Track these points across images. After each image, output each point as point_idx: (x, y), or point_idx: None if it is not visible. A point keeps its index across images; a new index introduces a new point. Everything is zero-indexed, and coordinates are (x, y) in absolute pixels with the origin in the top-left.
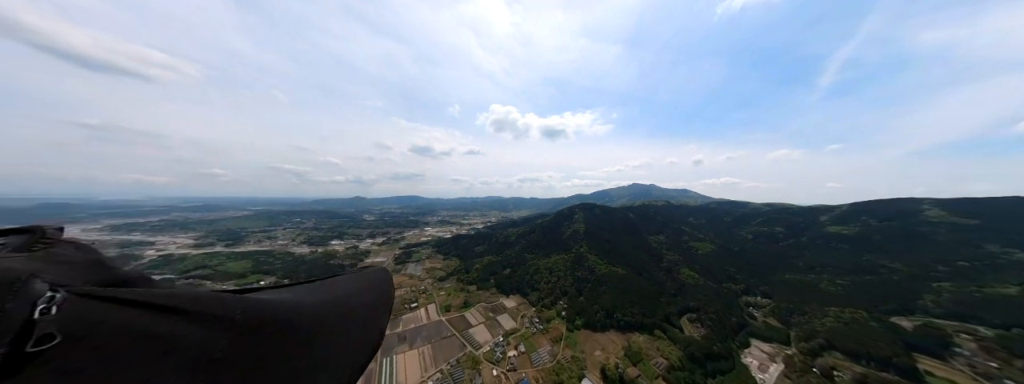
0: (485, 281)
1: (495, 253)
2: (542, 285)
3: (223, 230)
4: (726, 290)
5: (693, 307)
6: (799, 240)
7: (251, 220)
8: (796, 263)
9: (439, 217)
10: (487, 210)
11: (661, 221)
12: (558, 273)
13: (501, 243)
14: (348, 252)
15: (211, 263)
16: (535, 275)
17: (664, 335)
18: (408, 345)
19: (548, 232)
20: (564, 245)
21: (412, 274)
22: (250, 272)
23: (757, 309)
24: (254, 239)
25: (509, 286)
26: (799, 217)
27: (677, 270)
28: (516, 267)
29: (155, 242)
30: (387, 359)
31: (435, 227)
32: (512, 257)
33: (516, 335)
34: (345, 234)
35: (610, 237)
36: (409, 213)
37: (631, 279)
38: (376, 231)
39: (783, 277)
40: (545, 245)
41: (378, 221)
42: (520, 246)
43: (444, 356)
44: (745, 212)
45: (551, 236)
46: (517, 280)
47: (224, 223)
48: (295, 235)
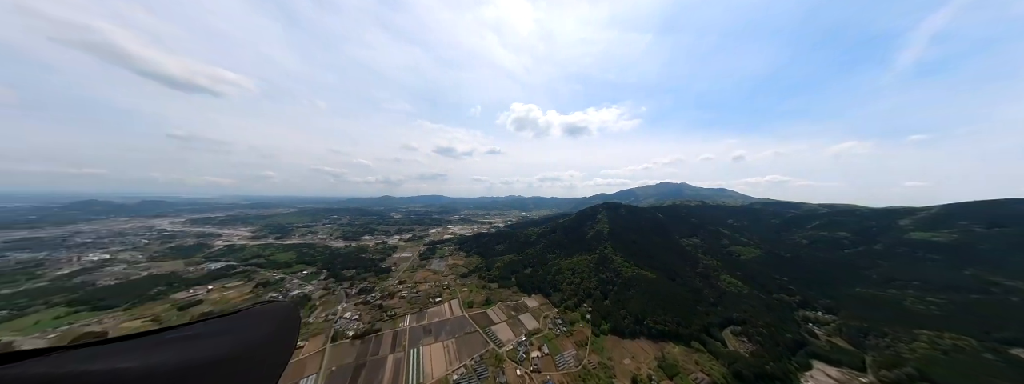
0: (506, 279)
1: (516, 252)
2: (565, 286)
3: (274, 225)
4: (777, 302)
5: (738, 319)
6: (871, 247)
7: (296, 216)
8: (868, 275)
9: (461, 215)
10: (507, 209)
11: (695, 222)
12: (581, 274)
13: (522, 242)
14: (378, 247)
15: (264, 253)
16: (557, 275)
17: (703, 348)
18: (433, 338)
19: (570, 232)
20: (587, 245)
21: (435, 270)
22: (295, 262)
23: (818, 326)
24: (298, 233)
25: (531, 285)
26: (870, 220)
27: (716, 276)
28: (537, 266)
29: (222, 234)
30: (414, 350)
31: (457, 225)
32: (533, 256)
33: (539, 336)
34: (375, 230)
35: (637, 238)
36: (433, 211)
37: (662, 284)
38: (403, 228)
39: (852, 291)
40: (567, 245)
41: (404, 219)
42: (541, 245)
43: (468, 351)
44: (797, 214)
45: (573, 236)
46: (539, 280)
47: (275, 219)
48: (332, 230)
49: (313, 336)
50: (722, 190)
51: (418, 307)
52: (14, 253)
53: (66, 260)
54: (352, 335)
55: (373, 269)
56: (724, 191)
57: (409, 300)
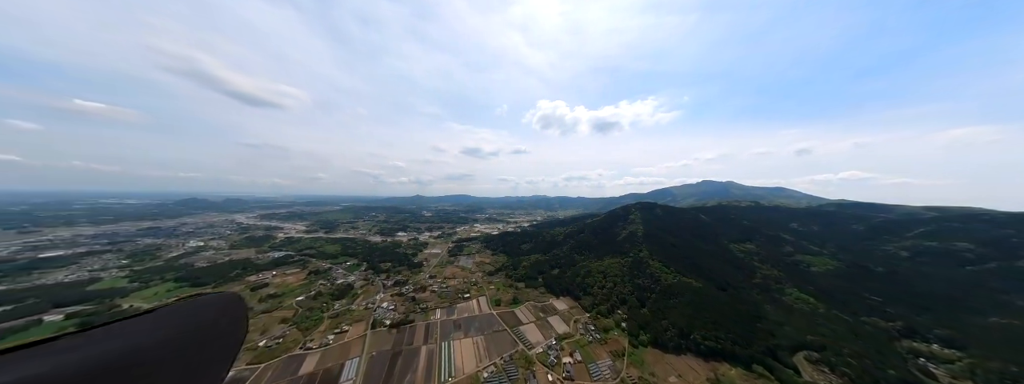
0: (533, 279)
1: (542, 252)
2: (595, 289)
3: (323, 220)
4: (868, 327)
5: (814, 343)
6: (1012, 264)
7: (341, 213)
8: (1008, 301)
9: (487, 215)
10: (532, 209)
11: (748, 226)
12: (614, 278)
13: (548, 242)
14: (410, 243)
15: (316, 245)
16: (586, 278)
17: (769, 374)
18: (463, 333)
19: (599, 233)
20: (619, 248)
21: (463, 266)
22: (340, 254)
23: (937, 363)
24: (343, 228)
25: (559, 287)
26: (1007, 228)
27: (779, 290)
28: (565, 268)
29: (283, 227)
30: (445, 343)
31: (483, 224)
32: (560, 257)
33: (570, 341)
34: (408, 227)
35: (676, 242)
36: (460, 210)
37: (711, 294)
38: (433, 225)
39: (984, 321)
40: (596, 247)
41: (434, 217)
42: (568, 246)
43: (497, 350)
44: (890, 218)
45: (602, 237)
46: (567, 281)
47: (324, 215)
48: (371, 226)
49: (355, 322)
50: (780, 189)
51: (448, 302)
52: (143, 239)
53: (175, 245)
54: (389, 324)
55: (406, 263)
56: (783, 191)
57: (440, 294)
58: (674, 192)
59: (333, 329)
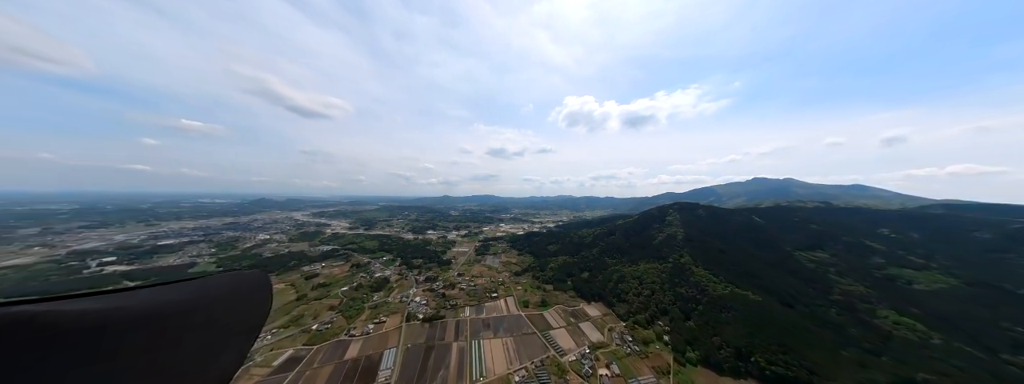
0: (561, 282)
1: (570, 253)
2: (630, 296)
3: (363, 219)
4: (1015, 369)
5: (928, 382)
6: None
7: (378, 212)
8: None
9: (512, 215)
10: (558, 209)
11: (817, 230)
12: (651, 285)
13: (576, 244)
14: (439, 241)
15: (357, 241)
16: (620, 283)
17: None
18: (492, 333)
19: (632, 235)
20: (655, 252)
21: (490, 266)
22: (377, 249)
23: None
24: (380, 226)
25: (589, 292)
26: None
27: (868, 311)
28: (595, 271)
29: (330, 224)
30: (475, 342)
31: (508, 224)
32: (590, 260)
33: (605, 351)
34: (437, 226)
35: (724, 247)
36: (486, 210)
37: (773, 310)
38: (460, 225)
39: None
40: (629, 250)
41: (461, 216)
42: (598, 248)
43: (528, 353)
44: None
45: (636, 240)
46: (598, 286)
47: (364, 214)
48: (404, 225)
49: (392, 314)
50: (860, 187)
51: (476, 300)
52: (226, 232)
53: (249, 238)
54: (422, 318)
55: (436, 261)
56: (864, 189)
57: (468, 292)
58: (718, 191)
59: (373, 319)
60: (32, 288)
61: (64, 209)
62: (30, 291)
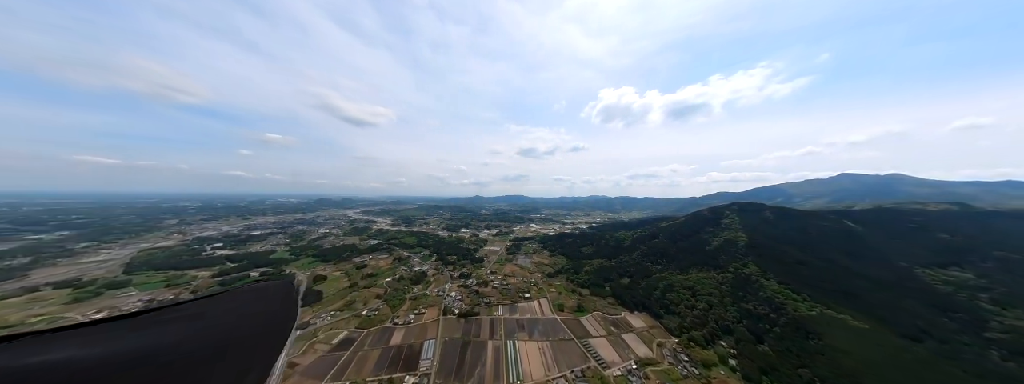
0: (598, 286)
1: (606, 257)
2: (682, 309)
3: (404, 216)
4: None
5: None
6: None
7: (416, 211)
8: None
9: (542, 215)
10: (590, 210)
11: (949, 241)
12: (708, 297)
13: (613, 246)
14: (471, 239)
15: (399, 236)
16: (668, 293)
17: None
18: (527, 335)
19: (679, 239)
20: (710, 259)
21: (522, 265)
22: (416, 244)
23: None
24: (418, 223)
25: (632, 300)
26: None
27: None
28: (637, 277)
29: (376, 221)
30: (510, 342)
31: (539, 224)
32: (629, 264)
33: (656, 369)
34: (469, 224)
35: (805, 258)
36: (515, 210)
37: (889, 344)
38: (491, 224)
39: None
40: (676, 256)
41: (492, 216)
42: (638, 253)
43: (566, 361)
44: None
45: (684, 245)
46: (641, 294)
47: (404, 212)
48: (439, 223)
49: (429, 307)
50: (1017, 184)
51: (509, 299)
52: (296, 226)
53: (313, 232)
54: (458, 313)
55: (469, 258)
56: (1020, 184)
57: (501, 291)
58: (789, 191)
59: (413, 310)
60: (165, 263)
61: (192, 206)
62: (162, 267)
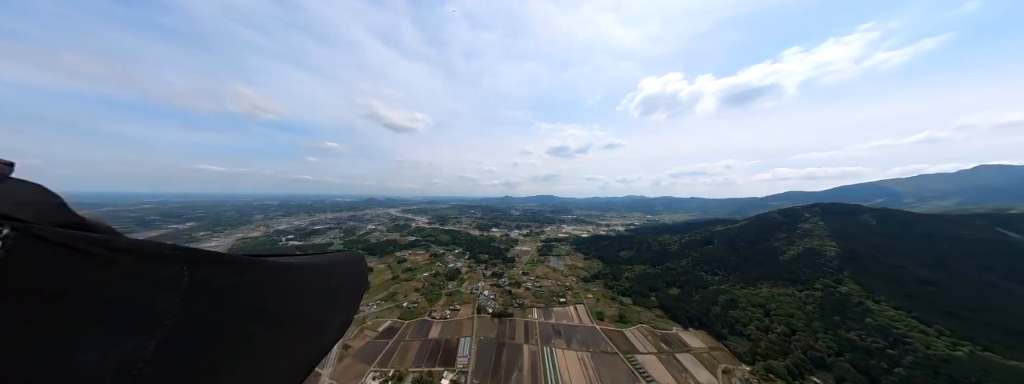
0: (642, 296)
1: (649, 263)
2: (753, 330)
3: (439, 215)
4: None
5: None
6: None
7: (450, 210)
8: None
9: (574, 216)
10: (626, 211)
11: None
12: (788, 319)
13: (656, 251)
14: (502, 238)
15: (434, 234)
16: (731, 310)
17: None
18: (565, 342)
19: (741, 246)
20: (787, 271)
21: (554, 267)
22: (450, 242)
23: None
24: (451, 222)
25: (684, 314)
26: None
27: None
28: (688, 288)
29: (415, 219)
30: (547, 349)
31: (570, 225)
32: (678, 273)
33: None
34: (500, 224)
35: (934, 277)
36: (546, 211)
37: None
38: (521, 224)
39: None
40: (738, 266)
41: (522, 216)
42: (688, 260)
43: (610, 376)
44: None
45: (748, 253)
46: (696, 308)
47: (439, 211)
48: (471, 222)
49: (464, 304)
50: None
51: (544, 303)
52: (348, 222)
53: (362, 228)
54: (492, 313)
55: (501, 257)
56: None
57: (534, 293)
58: (896, 188)
59: (449, 306)
60: (253, 250)
61: (273, 204)
62: (252, 251)
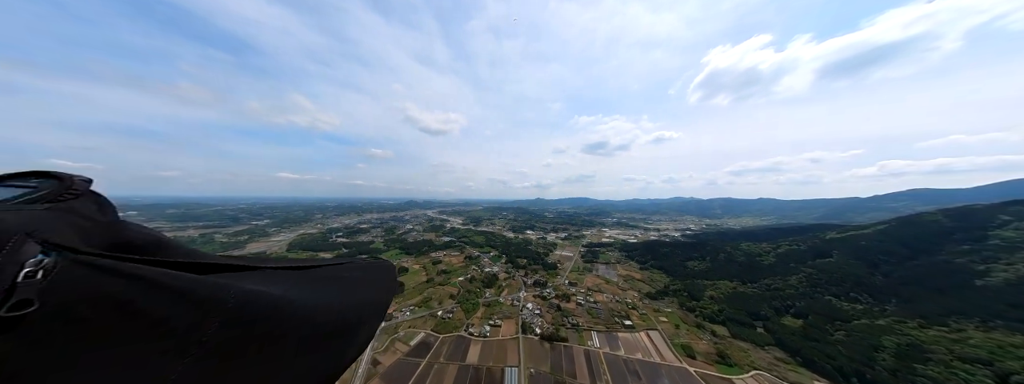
0: (743, 327)
1: (735, 278)
2: None
3: (472, 217)
4: None
5: None
6: None
7: (483, 212)
8: None
9: (615, 219)
10: (677, 214)
11: None
12: None
13: (741, 264)
14: (539, 241)
15: (468, 235)
16: (910, 360)
17: None
18: None
19: (885, 260)
20: (1001, 303)
21: (607, 278)
22: (484, 244)
23: None
24: (485, 223)
25: (827, 361)
26: None
27: None
28: (815, 317)
29: (449, 220)
30: None
31: (613, 228)
32: (789, 295)
33: None
34: (534, 226)
35: None
36: (582, 213)
37: None
38: (557, 226)
39: None
40: (888, 288)
41: (556, 218)
42: (800, 276)
43: None
44: None
45: (903, 273)
46: (845, 353)
47: (472, 213)
48: (504, 224)
49: (505, 319)
50: None
51: (603, 324)
52: (391, 222)
53: (401, 228)
54: (540, 334)
55: (540, 262)
56: None
57: (589, 310)
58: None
59: (487, 320)
60: (308, 244)
61: (330, 206)
62: (307, 247)
